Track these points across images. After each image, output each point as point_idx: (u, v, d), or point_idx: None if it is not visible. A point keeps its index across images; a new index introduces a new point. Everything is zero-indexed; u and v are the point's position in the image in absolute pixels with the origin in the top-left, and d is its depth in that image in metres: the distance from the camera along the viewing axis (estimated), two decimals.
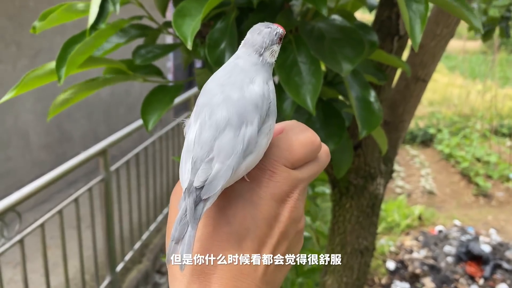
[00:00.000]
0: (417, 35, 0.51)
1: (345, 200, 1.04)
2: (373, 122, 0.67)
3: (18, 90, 0.69)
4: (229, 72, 0.33)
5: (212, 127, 0.31)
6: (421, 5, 0.51)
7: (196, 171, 0.30)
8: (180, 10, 0.57)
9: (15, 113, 2.78)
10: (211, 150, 0.31)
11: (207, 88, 0.33)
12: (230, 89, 0.32)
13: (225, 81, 0.33)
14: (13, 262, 2.17)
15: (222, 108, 0.31)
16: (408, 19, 0.50)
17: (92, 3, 0.68)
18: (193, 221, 0.29)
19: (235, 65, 0.34)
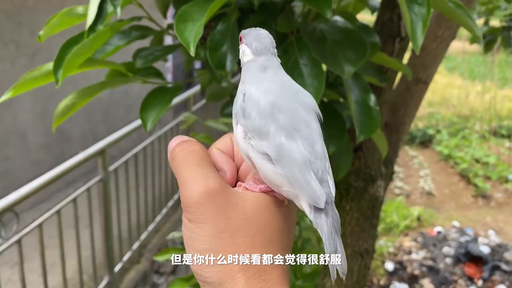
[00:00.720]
0: (419, 38, 0.50)
1: (345, 203, 1.03)
2: (371, 126, 0.66)
3: (15, 91, 0.69)
4: (281, 85, 0.35)
5: (318, 139, 0.33)
6: (424, 8, 0.50)
7: (324, 182, 0.32)
8: (181, 14, 0.56)
9: (13, 112, 2.77)
10: (326, 160, 0.33)
11: (280, 106, 0.33)
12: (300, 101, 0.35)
13: (289, 94, 0.35)
14: (11, 262, 2.16)
15: (312, 121, 0.34)
16: (409, 22, 0.50)
17: (91, 4, 0.67)
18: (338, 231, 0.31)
19: (277, 76, 0.36)
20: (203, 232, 0.31)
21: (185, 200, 0.32)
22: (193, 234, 0.32)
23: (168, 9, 0.85)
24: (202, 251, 0.31)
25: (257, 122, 0.33)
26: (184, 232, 0.33)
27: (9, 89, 0.69)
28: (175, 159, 0.34)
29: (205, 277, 0.32)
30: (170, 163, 0.34)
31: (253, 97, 0.34)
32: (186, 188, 0.32)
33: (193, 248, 0.32)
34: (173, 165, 0.34)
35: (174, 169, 0.34)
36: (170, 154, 0.35)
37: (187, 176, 0.32)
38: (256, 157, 0.33)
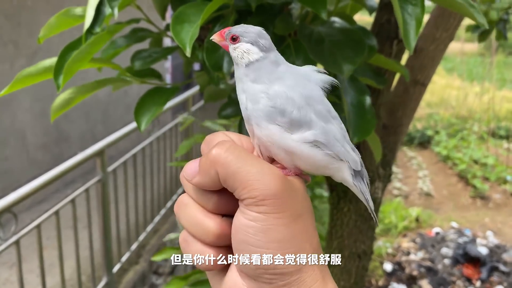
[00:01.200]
0: (412, 39, 0.50)
1: (343, 204, 1.03)
2: (365, 128, 0.66)
3: (10, 88, 0.69)
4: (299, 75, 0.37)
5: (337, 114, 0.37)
6: (418, 8, 0.50)
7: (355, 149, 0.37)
8: (178, 16, 0.56)
9: (12, 113, 2.76)
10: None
11: (310, 96, 0.36)
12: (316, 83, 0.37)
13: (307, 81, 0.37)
14: (9, 262, 2.16)
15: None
16: (402, 22, 0.49)
17: (88, 6, 0.67)
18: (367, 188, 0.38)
19: (291, 67, 0.37)
20: (283, 221, 0.32)
21: (261, 193, 0.31)
22: (271, 226, 0.32)
23: (166, 11, 0.85)
24: (283, 240, 0.32)
25: (295, 115, 0.34)
26: (253, 227, 0.32)
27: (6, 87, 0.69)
28: (227, 159, 0.32)
29: (281, 269, 0.32)
30: (218, 166, 0.32)
31: (282, 93, 0.35)
32: (256, 182, 0.31)
33: (271, 240, 0.32)
34: (226, 165, 0.32)
35: (228, 168, 0.32)
36: (214, 158, 0.33)
37: (252, 171, 0.32)
38: (301, 148, 0.34)
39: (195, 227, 0.34)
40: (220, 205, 0.35)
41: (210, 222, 0.34)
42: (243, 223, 0.32)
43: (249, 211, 0.32)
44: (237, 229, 0.33)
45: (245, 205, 0.32)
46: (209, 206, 0.35)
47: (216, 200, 0.35)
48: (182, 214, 0.35)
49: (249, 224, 0.32)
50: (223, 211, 0.35)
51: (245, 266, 0.33)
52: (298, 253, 0.32)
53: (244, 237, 0.32)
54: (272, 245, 0.32)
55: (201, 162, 0.34)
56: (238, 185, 0.32)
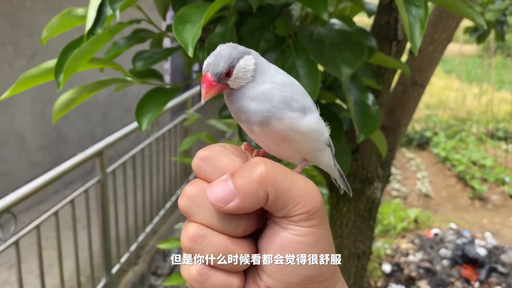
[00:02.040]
0: (417, 40, 0.51)
1: (342, 204, 1.04)
2: (371, 126, 0.67)
3: (13, 90, 0.69)
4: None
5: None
6: (421, 10, 0.51)
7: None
8: (180, 16, 0.57)
9: (11, 114, 2.76)
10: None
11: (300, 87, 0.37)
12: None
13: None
14: (9, 263, 2.16)
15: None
16: (408, 24, 0.50)
17: (90, 7, 0.67)
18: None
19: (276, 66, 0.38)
20: (325, 230, 0.32)
21: (313, 206, 0.30)
22: (318, 237, 0.31)
23: (167, 11, 0.85)
24: (327, 249, 0.32)
25: (302, 100, 0.35)
26: (304, 242, 0.31)
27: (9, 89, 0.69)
28: (278, 177, 0.30)
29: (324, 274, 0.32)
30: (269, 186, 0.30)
31: (287, 83, 0.35)
32: (308, 196, 0.30)
33: (320, 251, 0.31)
34: (277, 184, 0.30)
35: (280, 187, 0.30)
36: (263, 177, 0.30)
37: (301, 185, 0.31)
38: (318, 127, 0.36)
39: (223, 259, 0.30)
40: (248, 228, 0.32)
41: (242, 249, 0.31)
42: (291, 240, 0.30)
43: (298, 227, 0.31)
44: (284, 247, 0.31)
45: (294, 222, 0.30)
46: (238, 232, 0.31)
47: (246, 224, 0.31)
48: (202, 247, 0.30)
49: (299, 240, 0.31)
50: (249, 233, 0.32)
51: (285, 282, 0.31)
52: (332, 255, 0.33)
53: (292, 254, 0.31)
54: (321, 254, 0.32)
55: (243, 185, 0.30)
56: (291, 202, 0.30)
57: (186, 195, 0.31)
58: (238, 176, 0.30)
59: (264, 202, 0.30)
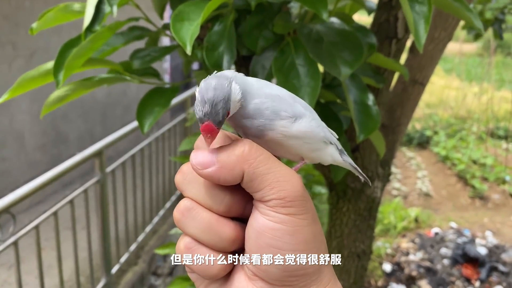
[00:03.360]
0: (422, 36, 0.51)
1: (342, 203, 1.03)
2: (370, 126, 0.67)
3: (12, 92, 0.69)
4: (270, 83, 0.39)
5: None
6: (425, 6, 0.51)
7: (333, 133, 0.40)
8: (178, 14, 0.56)
9: (10, 113, 2.76)
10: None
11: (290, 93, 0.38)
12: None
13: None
14: (8, 263, 2.16)
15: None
16: (412, 21, 0.50)
17: (88, 4, 0.67)
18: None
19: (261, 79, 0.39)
20: (307, 222, 0.32)
21: (290, 194, 0.31)
22: (297, 227, 0.31)
23: (165, 10, 0.85)
24: (308, 241, 0.32)
25: (292, 107, 0.36)
26: (280, 229, 0.31)
27: (8, 91, 0.68)
28: (258, 158, 0.31)
29: (305, 269, 0.32)
30: (247, 164, 0.31)
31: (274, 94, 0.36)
32: (285, 183, 0.31)
33: (299, 241, 0.31)
34: (255, 164, 0.31)
35: (258, 168, 0.31)
36: (244, 155, 0.31)
37: (280, 171, 0.32)
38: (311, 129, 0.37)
39: (206, 233, 0.32)
40: (232, 207, 0.33)
41: (225, 227, 0.33)
42: (268, 226, 0.31)
43: (275, 213, 0.31)
44: (261, 232, 0.31)
45: (271, 207, 0.31)
46: (221, 209, 0.33)
47: (229, 201, 0.33)
48: (188, 220, 0.33)
49: (275, 227, 0.31)
50: (234, 214, 0.34)
51: (266, 271, 0.32)
52: (319, 253, 0.33)
53: (270, 241, 0.31)
54: (298, 246, 0.32)
55: (223, 157, 0.31)
56: (266, 185, 0.31)
57: (181, 172, 0.34)
58: (222, 149, 0.32)
59: (239, 179, 0.31)
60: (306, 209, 0.32)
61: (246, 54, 0.79)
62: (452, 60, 8.55)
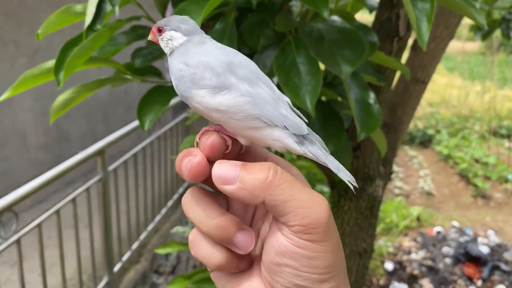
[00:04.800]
0: (424, 34, 0.50)
1: (344, 202, 1.03)
2: (372, 124, 0.67)
3: (14, 90, 0.69)
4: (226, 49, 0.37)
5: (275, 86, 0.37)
6: (427, 4, 0.50)
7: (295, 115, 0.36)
8: (179, 12, 0.56)
9: (13, 112, 2.77)
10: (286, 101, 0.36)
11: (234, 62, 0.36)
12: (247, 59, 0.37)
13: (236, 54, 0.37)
14: (10, 261, 2.16)
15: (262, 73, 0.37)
16: (414, 18, 0.50)
17: (89, 3, 0.67)
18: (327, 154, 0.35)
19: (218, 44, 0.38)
20: (329, 249, 0.32)
21: (313, 221, 0.31)
22: (317, 254, 0.32)
23: (166, 9, 0.85)
24: (327, 267, 0.32)
25: (216, 79, 0.35)
26: (301, 253, 0.32)
27: (9, 88, 0.68)
28: (281, 186, 0.31)
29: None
30: (270, 192, 0.31)
31: (200, 62, 0.35)
32: (309, 210, 0.31)
33: (317, 266, 0.32)
34: (278, 193, 0.31)
35: (280, 195, 0.31)
36: (267, 184, 0.31)
37: (303, 197, 0.31)
38: (228, 108, 0.34)
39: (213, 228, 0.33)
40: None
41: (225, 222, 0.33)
42: (289, 248, 0.32)
43: (297, 238, 0.31)
44: (281, 252, 0.32)
45: (294, 232, 0.31)
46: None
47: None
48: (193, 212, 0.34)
49: (296, 250, 0.32)
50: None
51: (278, 283, 0.33)
52: (336, 278, 0.33)
53: (289, 262, 0.32)
54: (317, 270, 0.32)
55: (246, 178, 0.32)
56: (289, 211, 0.31)
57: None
58: (248, 169, 0.32)
59: (258, 203, 0.32)
60: (329, 236, 0.32)
61: (247, 52, 0.79)
62: (455, 59, 8.53)
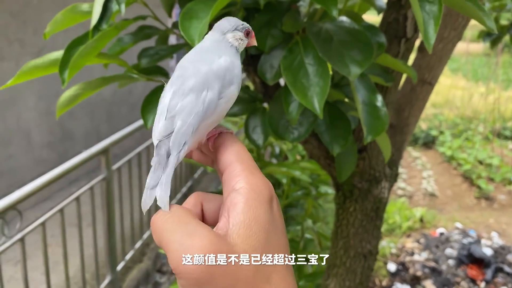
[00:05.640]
0: (431, 37, 0.50)
1: (349, 204, 1.03)
2: (378, 127, 0.66)
3: (16, 79, 0.68)
4: (199, 52, 0.39)
5: (181, 94, 0.36)
6: (435, 6, 0.50)
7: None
8: (186, 12, 0.56)
9: (17, 111, 2.77)
10: (170, 111, 0.35)
11: (181, 65, 0.38)
12: (200, 64, 0.37)
13: (196, 59, 0.38)
14: (14, 260, 2.17)
15: (191, 78, 0.36)
16: (421, 21, 0.49)
17: (95, 2, 0.66)
18: (167, 167, 0.33)
19: (203, 47, 0.39)
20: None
21: (173, 268, 0.29)
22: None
23: (173, 8, 0.84)
24: None
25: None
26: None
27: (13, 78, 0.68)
28: (156, 233, 0.31)
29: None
30: (152, 231, 0.32)
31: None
32: (172, 255, 0.29)
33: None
34: (158, 241, 0.31)
35: (160, 241, 0.31)
36: (152, 223, 0.32)
37: (171, 247, 0.30)
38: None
39: None
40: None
41: None
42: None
43: (177, 278, 0.30)
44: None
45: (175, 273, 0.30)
46: None
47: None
48: None
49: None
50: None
51: None
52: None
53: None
54: None
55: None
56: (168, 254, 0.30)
57: None
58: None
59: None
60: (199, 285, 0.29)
61: (254, 53, 0.79)
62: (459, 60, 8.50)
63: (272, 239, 0.31)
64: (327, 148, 0.84)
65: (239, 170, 0.33)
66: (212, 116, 0.35)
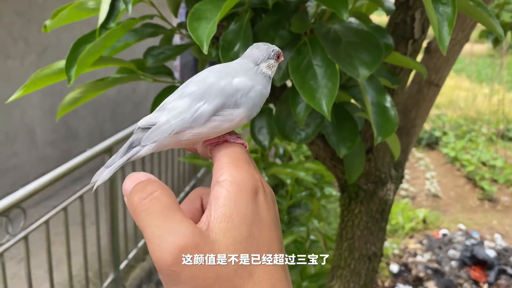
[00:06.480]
0: (445, 38, 0.50)
1: (354, 205, 1.02)
2: (388, 128, 0.66)
3: (25, 89, 0.68)
4: (224, 66, 0.39)
5: (180, 95, 0.36)
6: (448, 8, 0.50)
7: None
8: (194, 12, 0.56)
9: (22, 108, 2.78)
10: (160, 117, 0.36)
11: (202, 71, 0.38)
12: (212, 76, 0.37)
13: (216, 69, 0.38)
14: (18, 257, 2.17)
15: (195, 85, 0.36)
16: (436, 22, 0.49)
17: (103, 1, 0.66)
18: (123, 154, 0.35)
19: (230, 65, 0.39)
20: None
21: (156, 261, 0.29)
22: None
23: (179, 8, 0.84)
24: None
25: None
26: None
27: (20, 88, 0.68)
28: (135, 212, 0.30)
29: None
30: (135, 216, 0.30)
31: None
32: (155, 247, 0.29)
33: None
34: (134, 216, 0.31)
35: (138, 222, 0.30)
36: (128, 201, 0.31)
37: (155, 233, 0.29)
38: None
39: None
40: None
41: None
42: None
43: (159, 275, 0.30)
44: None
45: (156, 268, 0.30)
46: None
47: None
48: None
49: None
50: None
51: None
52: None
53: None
54: None
55: (128, 199, 0.32)
56: (146, 242, 0.30)
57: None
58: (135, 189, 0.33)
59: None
60: (179, 280, 0.28)
61: None
62: (462, 61, 8.48)
63: (256, 232, 0.31)
64: (332, 150, 0.84)
65: (224, 163, 0.33)
66: (199, 128, 0.35)
